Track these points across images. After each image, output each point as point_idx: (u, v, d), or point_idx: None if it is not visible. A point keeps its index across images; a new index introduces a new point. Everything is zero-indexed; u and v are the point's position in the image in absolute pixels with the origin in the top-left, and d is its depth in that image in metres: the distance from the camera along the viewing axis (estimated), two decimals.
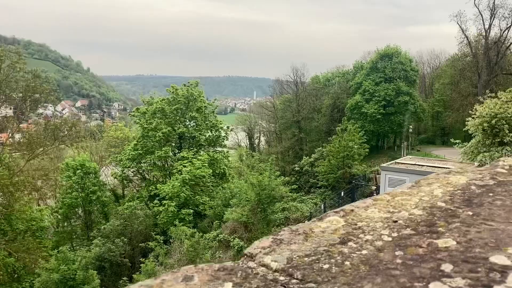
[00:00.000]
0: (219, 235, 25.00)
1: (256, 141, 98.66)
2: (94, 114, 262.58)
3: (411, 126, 68.09)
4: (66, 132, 25.99)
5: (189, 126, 41.13)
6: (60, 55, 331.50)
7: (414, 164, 30.88)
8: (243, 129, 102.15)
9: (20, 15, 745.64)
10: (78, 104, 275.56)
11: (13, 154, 26.13)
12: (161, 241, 25.63)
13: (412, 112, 68.87)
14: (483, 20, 59.54)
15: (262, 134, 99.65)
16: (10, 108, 37.01)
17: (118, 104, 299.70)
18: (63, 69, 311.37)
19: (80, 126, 41.03)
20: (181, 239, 23.18)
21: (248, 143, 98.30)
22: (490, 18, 59.15)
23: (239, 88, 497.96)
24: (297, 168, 48.21)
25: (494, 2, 58.47)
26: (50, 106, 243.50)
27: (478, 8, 59.24)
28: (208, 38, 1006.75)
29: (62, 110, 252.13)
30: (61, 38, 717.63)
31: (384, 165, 31.46)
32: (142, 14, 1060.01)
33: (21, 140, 26.13)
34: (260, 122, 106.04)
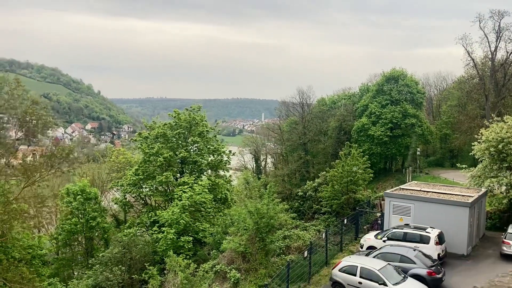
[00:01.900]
0: (216, 266, 24.11)
1: (263, 163, 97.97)
2: (103, 137, 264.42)
3: (418, 149, 67.20)
4: (62, 160, 25.48)
5: (191, 150, 40.61)
6: (71, 78, 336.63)
7: (419, 191, 29.90)
8: (250, 151, 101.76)
9: (34, 40, 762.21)
10: (88, 126, 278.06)
11: (8, 180, 25.64)
12: (156, 273, 24.77)
13: (419, 134, 68.10)
14: (489, 43, 59.04)
15: (269, 156, 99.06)
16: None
17: (128, 127, 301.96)
18: (74, 92, 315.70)
19: (79, 150, 40.60)
20: (175, 270, 22.34)
21: (254, 165, 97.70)
22: (496, 41, 58.63)
23: (247, 110, 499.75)
24: (300, 193, 47.36)
25: (499, 25, 58.05)
26: (60, 128, 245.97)
27: (483, 31, 58.83)
28: (217, 61, 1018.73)
29: (72, 132, 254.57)
30: (73, 62, 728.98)
31: (388, 191, 30.49)
32: (153, 38, 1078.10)
33: (16, 166, 25.70)
34: (267, 143, 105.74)
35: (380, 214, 33.41)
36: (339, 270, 21.41)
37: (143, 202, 42.35)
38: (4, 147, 25.09)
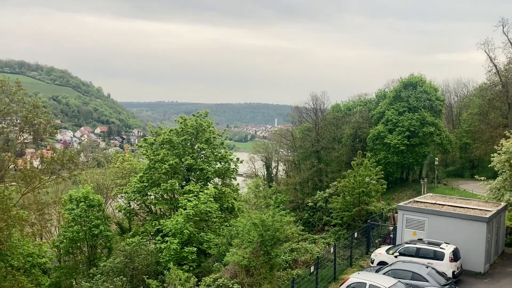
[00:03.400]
0: (218, 280, 23.91)
1: (274, 170, 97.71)
2: (113, 141, 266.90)
3: (437, 158, 66.25)
4: (63, 165, 25.63)
5: (197, 158, 40.63)
6: (81, 81, 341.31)
7: (435, 204, 29.39)
8: (261, 158, 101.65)
9: (44, 42, 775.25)
10: (98, 130, 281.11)
11: (8, 186, 25.88)
12: (155, 286, 24.64)
13: (438, 143, 67.23)
14: None
15: (281, 163, 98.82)
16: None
17: (138, 131, 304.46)
18: (83, 95, 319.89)
19: (88, 155, 40.89)
20: (175, 284, 22.21)
21: (265, 172, 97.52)
22: None
23: (260, 115, 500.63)
24: (310, 204, 46.98)
25: None
26: (69, 132, 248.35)
27: (507, 36, 57.84)
28: (229, 65, 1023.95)
29: (81, 136, 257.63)
30: (83, 64, 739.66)
31: (401, 204, 30.03)
32: (165, 41, 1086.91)
33: (16, 172, 25.93)
34: (279, 150, 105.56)
35: (392, 227, 32.91)
36: (347, 287, 21.02)
37: (147, 210, 42.41)
38: (11, 150, 25.34)
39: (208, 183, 41.04)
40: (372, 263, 26.27)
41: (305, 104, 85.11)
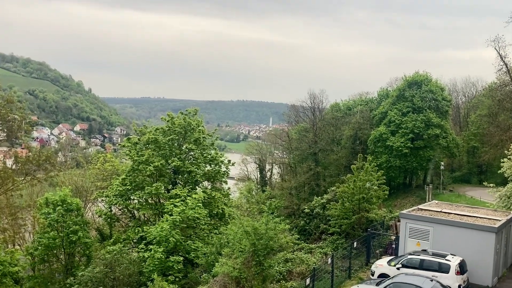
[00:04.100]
0: None
1: (268, 173, 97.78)
2: (93, 140, 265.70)
3: (442, 163, 66.54)
4: (38, 166, 25.38)
5: (185, 159, 40.50)
6: (60, 74, 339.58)
7: (440, 212, 29.44)
8: (254, 160, 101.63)
9: (21, 32, 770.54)
10: (77, 128, 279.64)
11: None
12: None
13: (444, 146, 67.62)
14: None
15: (275, 166, 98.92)
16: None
17: (121, 129, 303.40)
18: (62, 89, 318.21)
19: (66, 154, 40.67)
20: None
21: (258, 175, 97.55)
22: None
23: (254, 114, 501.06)
24: (306, 210, 47.00)
25: None
26: (46, 129, 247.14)
27: None
28: (221, 59, 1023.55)
29: (59, 134, 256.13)
30: (62, 56, 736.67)
31: (404, 211, 30.05)
32: (152, 33, 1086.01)
33: None
34: (274, 151, 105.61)
35: (395, 237, 32.96)
36: None
37: (130, 215, 42.22)
38: None
39: (197, 187, 40.93)
40: (373, 275, 26.26)
41: (302, 102, 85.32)
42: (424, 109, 67.05)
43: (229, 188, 46.03)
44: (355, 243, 30.40)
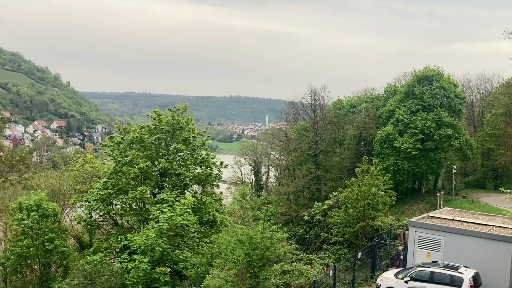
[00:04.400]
0: None
1: (264, 177, 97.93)
2: (72, 138, 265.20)
3: (455, 166, 66.84)
4: (11, 168, 25.26)
5: (173, 160, 40.46)
6: (35, 66, 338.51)
7: (452, 220, 29.55)
8: (249, 162, 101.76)
9: None
10: (54, 125, 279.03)
11: None
12: None
13: (457, 148, 67.83)
14: None
15: (272, 169, 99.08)
16: None
17: (102, 127, 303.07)
18: (38, 82, 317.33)
19: (41, 154, 40.61)
20: None
21: (253, 179, 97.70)
22: None
23: (249, 111, 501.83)
24: (306, 217, 47.08)
25: None
26: (20, 126, 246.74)
27: None
28: (213, 51, 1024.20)
29: (34, 131, 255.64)
30: (38, 46, 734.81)
31: (413, 219, 30.16)
32: (137, 21, 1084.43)
33: None
34: (270, 153, 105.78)
35: (403, 247, 33.04)
36: None
37: (112, 222, 42.14)
38: None
39: (186, 191, 40.85)
40: None
41: (302, 99, 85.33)
42: (435, 107, 67.24)
43: (221, 193, 45.96)
44: (359, 254, 30.47)
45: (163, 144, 41.03)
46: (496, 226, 28.29)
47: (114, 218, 41.86)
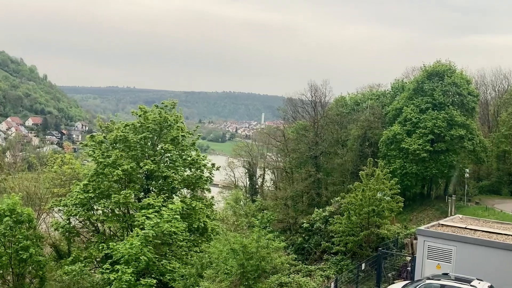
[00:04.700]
0: None
1: (259, 180, 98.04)
2: (49, 137, 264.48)
3: (467, 170, 67.04)
4: None
5: (161, 162, 40.40)
6: (9, 57, 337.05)
7: (465, 228, 29.69)
8: (243, 164, 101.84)
9: None
10: (29, 122, 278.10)
11: None
12: None
13: (470, 150, 68.09)
14: None
15: (268, 171, 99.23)
16: None
17: (82, 125, 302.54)
18: (12, 75, 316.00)
19: (15, 154, 40.55)
20: None
21: (248, 182, 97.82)
22: None
23: (243, 108, 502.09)
24: (305, 225, 47.18)
25: None
26: None
27: None
28: (204, 43, 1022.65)
29: (8, 129, 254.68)
30: (12, 35, 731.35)
31: (422, 227, 30.28)
32: (121, 10, 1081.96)
33: None
34: (266, 154, 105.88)
35: (410, 258, 33.17)
36: None
37: (93, 228, 42.01)
38: None
39: (174, 196, 40.75)
40: None
41: (301, 95, 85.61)
42: (446, 105, 67.50)
43: (212, 197, 45.91)
44: (363, 265, 30.56)
45: (149, 143, 40.91)
46: None
47: (95, 224, 41.72)
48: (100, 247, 37.10)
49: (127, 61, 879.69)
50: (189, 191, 42.89)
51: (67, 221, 40.70)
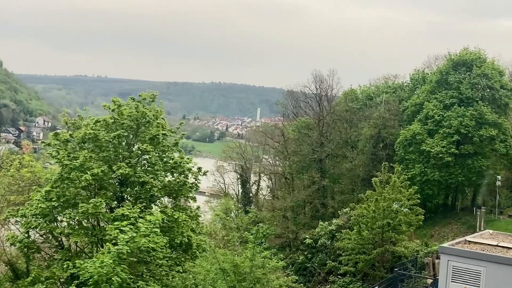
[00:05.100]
0: None
1: (254, 187, 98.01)
2: (4, 134, 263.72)
3: (499, 177, 67.24)
4: None
5: (137, 165, 40.30)
6: None
7: (496, 246, 29.72)
8: (234, 168, 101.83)
9: None
10: None
11: None
12: None
13: (502, 154, 68.31)
14: None
15: (264, 177, 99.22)
16: None
17: (44, 120, 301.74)
18: None
19: None
20: None
21: (240, 190, 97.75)
22: None
23: (234, 102, 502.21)
24: (308, 241, 47.23)
25: None
26: None
27: None
28: (188, 25, 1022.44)
29: None
30: None
31: (446, 245, 30.26)
32: None
33: None
34: (262, 157, 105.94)
35: (432, 280, 33.26)
36: None
37: (56, 244, 41.89)
38: None
39: (153, 205, 40.65)
40: None
41: (304, 88, 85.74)
42: (475, 100, 67.70)
43: (198, 208, 45.75)
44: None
45: (124, 143, 40.76)
46: None
47: (59, 238, 41.57)
48: (65, 266, 36.98)
49: (98, 46, 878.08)
50: (171, 200, 42.79)
51: (26, 235, 40.55)
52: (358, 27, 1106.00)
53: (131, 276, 33.88)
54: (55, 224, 40.20)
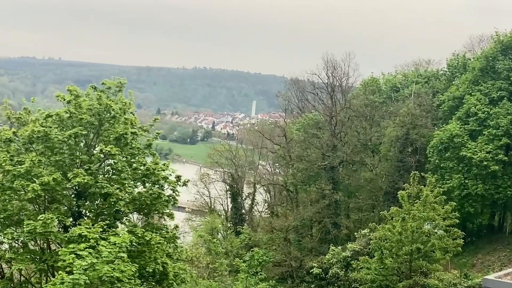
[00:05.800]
0: None
1: (247, 202, 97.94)
2: None
3: None
4: None
5: (99, 172, 40.28)
6: None
7: None
8: (223, 178, 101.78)
9: None
10: None
11: None
12: None
13: None
14: None
15: (261, 189, 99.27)
16: None
17: None
18: None
19: None
20: None
21: (230, 205, 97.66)
22: None
23: (224, 93, 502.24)
24: (316, 270, 47.28)
25: None
26: None
27: None
28: None
29: None
30: None
31: (491, 277, 30.44)
32: None
33: None
34: (259, 163, 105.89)
35: None
36: None
37: None
38: None
39: (119, 224, 40.65)
40: None
41: (312, 76, 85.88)
42: None
43: (176, 227, 45.79)
44: None
45: (82, 144, 40.76)
46: None
47: None
48: None
49: (49, 22, 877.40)
50: (142, 216, 42.80)
51: None
52: (381, 1, 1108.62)
53: None
54: None
